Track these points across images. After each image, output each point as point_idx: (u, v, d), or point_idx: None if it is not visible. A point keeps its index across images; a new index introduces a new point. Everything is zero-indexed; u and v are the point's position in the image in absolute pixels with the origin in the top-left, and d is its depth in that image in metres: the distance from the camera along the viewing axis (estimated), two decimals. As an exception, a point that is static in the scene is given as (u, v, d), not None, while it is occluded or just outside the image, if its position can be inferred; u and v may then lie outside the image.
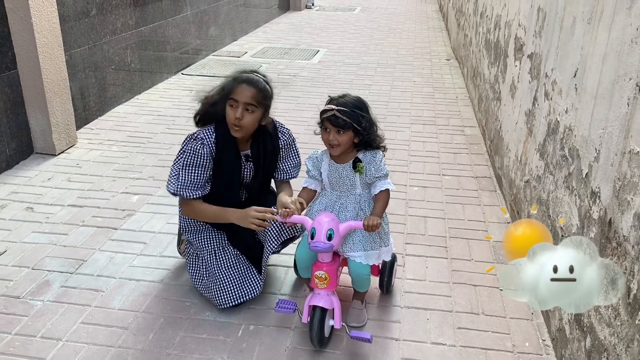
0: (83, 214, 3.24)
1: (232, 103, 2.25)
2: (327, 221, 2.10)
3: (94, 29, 4.68)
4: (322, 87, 5.89)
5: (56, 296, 2.53)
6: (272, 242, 2.35)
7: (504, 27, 4.06)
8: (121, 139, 4.39)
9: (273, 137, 2.45)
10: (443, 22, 10.47)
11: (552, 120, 2.56)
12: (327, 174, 2.29)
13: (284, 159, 2.54)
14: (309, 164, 2.34)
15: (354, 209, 2.28)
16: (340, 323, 2.20)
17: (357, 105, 2.20)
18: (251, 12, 9.10)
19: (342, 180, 2.27)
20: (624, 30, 1.78)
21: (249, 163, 2.42)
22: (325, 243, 2.07)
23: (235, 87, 2.25)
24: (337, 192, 2.31)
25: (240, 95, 2.24)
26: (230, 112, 2.26)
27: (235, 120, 2.25)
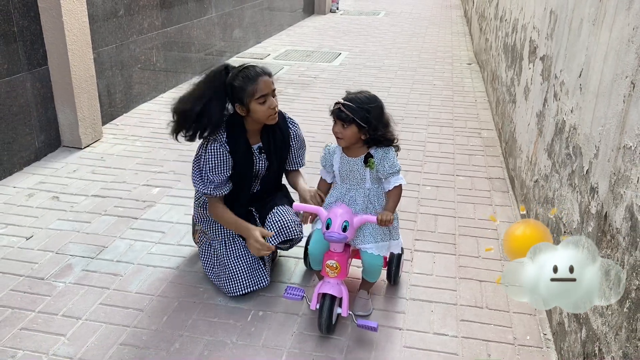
0: (105, 204, 3.39)
1: (261, 100, 2.32)
2: (342, 213, 2.19)
3: (122, 29, 4.86)
4: (341, 89, 5.97)
5: (77, 279, 2.67)
6: (272, 239, 2.45)
7: (520, 31, 4.10)
8: (145, 135, 4.55)
9: (282, 127, 2.54)
10: (467, 27, 10.48)
11: (559, 120, 2.61)
12: (338, 166, 2.37)
13: (295, 149, 2.63)
14: (323, 156, 2.44)
15: (363, 202, 2.36)
16: (348, 311, 2.29)
17: (366, 102, 2.25)
18: (275, 15, 9.25)
19: (352, 174, 2.34)
20: (623, 30, 1.84)
21: (262, 155, 2.52)
22: (340, 234, 2.16)
23: (256, 85, 2.30)
24: (346, 185, 2.38)
25: (266, 89, 2.33)
26: (263, 107, 2.33)
27: (272, 110, 2.36)
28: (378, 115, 2.28)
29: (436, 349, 2.28)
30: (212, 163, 2.39)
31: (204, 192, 2.44)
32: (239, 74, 2.34)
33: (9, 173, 3.74)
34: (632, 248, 1.58)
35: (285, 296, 2.36)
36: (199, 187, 2.45)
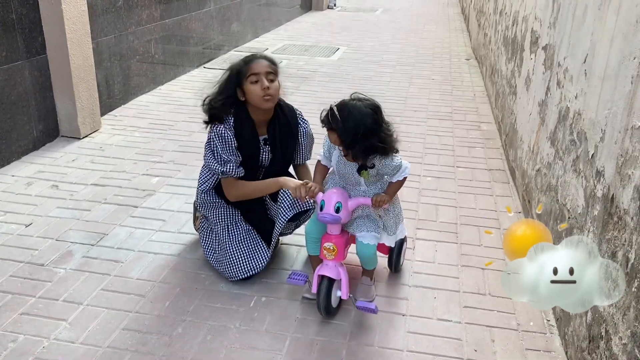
0: (105, 193, 3.36)
1: (253, 79, 2.33)
2: (336, 194, 2.18)
3: (120, 19, 4.83)
4: (340, 83, 5.97)
5: (78, 265, 2.65)
6: (284, 212, 2.43)
7: (521, 23, 4.10)
8: (143, 126, 4.52)
9: (292, 122, 2.53)
10: (465, 24, 10.49)
11: (562, 107, 2.61)
12: (335, 163, 2.31)
13: (304, 146, 2.63)
14: (325, 143, 2.36)
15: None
16: (348, 294, 2.28)
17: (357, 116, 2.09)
18: (273, 10, 9.23)
19: (348, 176, 2.28)
20: (630, 12, 1.83)
21: (267, 146, 2.51)
22: (333, 215, 2.15)
23: (249, 65, 2.35)
24: (343, 182, 2.33)
25: (259, 68, 2.34)
26: (256, 87, 2.33)
27: (264, 91, 2.33)
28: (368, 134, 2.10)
29: (440, 334, 2.28)
30: (220, 143, 2.39)
31: (223, 171, 2.40)
32: (243, 59, 2.38)
33: (7, 162, 3.71)
34: (640, 227, 1.58)
35: (288, 280, 2.36)
36: (216, 168, 2.41)
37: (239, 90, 2.38)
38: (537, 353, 2.19)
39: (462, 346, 2.21)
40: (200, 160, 3.85)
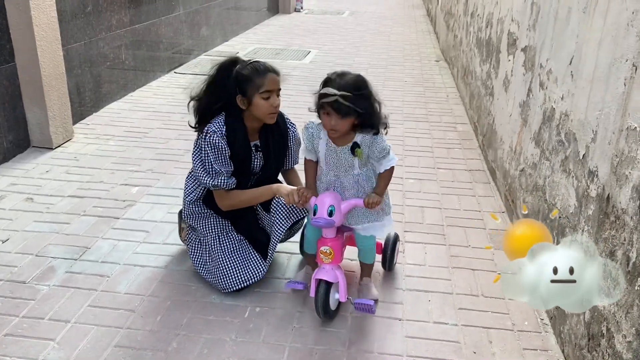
0: (84, 205, 3.26)
1: (266, 95, 2.27)
2: (329, 198, 2.17)
3: (90, 25, 4.70)
4: (315, 86, 5.92)
5: (62, 281, 2.55)
6: (281, 224, 2.39)
7: (496, 25, 4.16)
8: (118, 134, 4.41)
9: (282, 128, 2.50)
10: (431, 25, 10.61)
11: (547, 108, 2.65)
12: (324, 153, 2.24)
13: (293, 150, 2.60)
14: (305, 136, 2.27)
15: (353, 188, 2.28)
16: (346, 296, 2.27)
17: (358, 86, 2.10)
18: (241, 14, 9.15)
19: (340, 162, 2.23)
20: (620, 15, 1.87)
21: (258, 153, 2.47)
22: (326, 219, 2.14)
23: (264, 79, 2.26)
24: (333, 171, 2.26)
25: (273, 85, 2.28)
26: (266, 103, 2.28)
27: (274, 109, 2.30)
28: (371, 98, 2.17)
29: (438, 337, 2.28)
30: (213, 154, 2.32)
31: (214, 185, 2.35)
32: (249, 65, 2.31)
33: (-23, 175, 3.56)
34: (641, 227, 1.61)
35: (287, 285, 2.36)
36: (207, 182, 2.35)
37: (243, 98, 2.31)
38: (534, 352, 2.21)
39: (461, 349, 2.22)
40: (179, 168, 3.81)
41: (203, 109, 2.38)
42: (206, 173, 2.34)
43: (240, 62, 2.35)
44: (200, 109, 2.38)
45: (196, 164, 2.37)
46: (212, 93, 2.35)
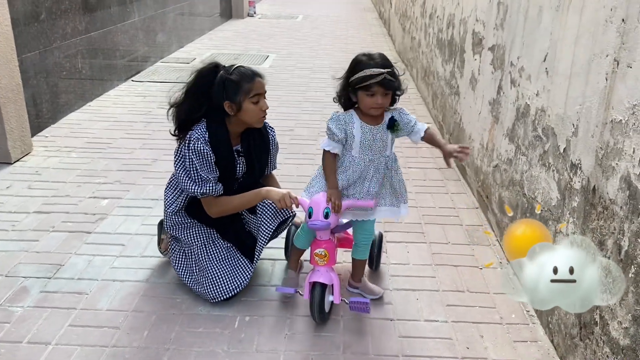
0: (52, 220, 3.12)
1: (255, 100, 2.26)
2: (324, 200, 2.16)
3: (44, 34, 4.52)
4: (277, 90, 5.91)
5: (37, 301, 2.43)
6: (268, 225, 2.36)
7: (458, 25, 4.25)
8: (79, 146, 4.26)
9: (263, 132, 2.47)
10: (385, 28, 10.75)
11: (521, 105, 2.71)
12: (359, 138, 2.19)
13: (272, 155, 2.57)
14: (333, 126, 2.18)
15: (384, 170, 2.28)
16: (340, 298, 2.26)
17: (389, 62, 2.19)
18: (195, 19, 9.03)
19: (376, 143, 2.21)
20: (597, 12, 1.93)
21: (240, 158, 2.43)
22: (322, 221, 2.13)
23: (252, 84, 2.25)
24: (368, 155, 2.22)
25: (261, 89, 2.28)
26: (256, 108, 2.27)
27: (264, 112, 2.30)
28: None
29: (430, 335, 2.29)
30: (200, 161, 2.27)
31: (203, 192, 2.29)
32: (235, 70, 2.28)
33: None
34: (632, 215, 1.66)
35: (278, 290, 2.35)
36: (194, 190, 2.29)
37: (232, 104, 2.26)
38: (525, 344, 2.26)
39: (454, 345, 2.24)
40: (148, 178, 3.71)
41: (184, 116, 2.31)
42: (192, 181, 2.28)
43: (222, 68, 2.30)
44: (181, 116, 2.32)
45: (180, 174, 2.30)
46: (194, 99, 2.29)
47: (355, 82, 2.12)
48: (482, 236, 3.07)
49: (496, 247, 2.97)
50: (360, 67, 2.12)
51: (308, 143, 4.45)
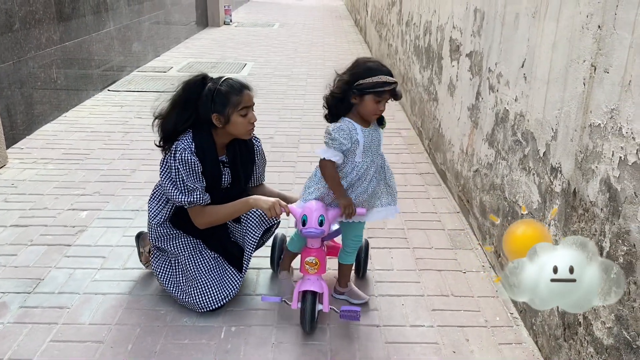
0: (30, 233, 3.06)
1: (244, 112, 2.25)
2: (316, 208, 2.16)
3: (18, 44, 4.45)
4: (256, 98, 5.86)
5: (17, 317, 2.38)
6: (253, 233, 2.35)
7: (435, 32, 4.30)
8: (56, 157, 4.19)
9: (248, 143, 2.46)
10: (361, 36, 10.83)
11: (500, 110, 2.76)
12: (363, 142, 2.21)
13: (258, 165, 2.57)
14: (341, 137, 2.16)
15: (384, 168, 2.36)
16: (329, 307, 2.26)
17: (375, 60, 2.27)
18: (171, 28, 8.97)
19: (374, 143, 2.26)
20: (574, 19, 1.98)
21: (226, 168, 2.42)
22: (317, 228, 2.14)
23: (240, 97, 2.24)
24: (369, 158, 2.25)
25: (249, 101, 2.27)
26: (244, 120, 2.26)
27: (252, 125, 2.29)
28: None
29: (416, 340, 2.30)
30: (186, 171, 2.25)
31: (190, 202, 2.27)
32: (224, 83, 2.26)
33: None
34: (613, 217, 1.70)
35: (264, 299, 2.33)
36: (181, 200, 2.27)
37: (220, 116, 2.24)
38: (510, 347, 2.28)
39: (441, 349, 2.26)
40: (127, 188, 3.67)
41: (170, 127, 2.29)
42: (179, 192, 2.26)
43: (210, 80, 2.29)
44: (167, 127, 2.30)
45: (167, 184, 2.28)
46: (181, 111, 2.27)
47: (367, 86, 2.12)
48: (465, 240, 3.11)
49: (478, 250, 3.00)
50: (373, 73, 2.13)
51: (288, 150, 4.45)
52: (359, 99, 2.16)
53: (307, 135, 4.80)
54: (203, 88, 2.25)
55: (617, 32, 1.69)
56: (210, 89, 2.24)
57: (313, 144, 4.60)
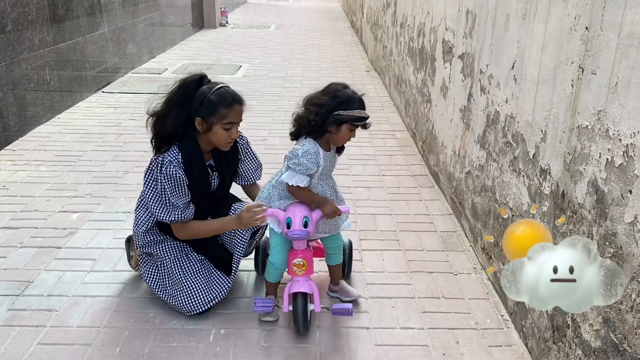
0: (20, 236, 3.05)
1: (227, 127, 2.22)
2: (299, 209, 2.16)
3: (11, 45, 4.43)
4: (250, 100, 5.81)
5: (4, 320, 2.36)
6: (241, 237, 2.35)
7: (428, 34, 4.30)
8: (49, 159, 4.17)
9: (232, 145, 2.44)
10: (357, 37, 10.83)
11: (491, 111, 2.75)
12: (324, 165, 2.24)
13: (244, 162, 2.55)
14: (309, 162, 2.16)
15: (334, 189, 2.38)
16: (320, 306, 2.26)
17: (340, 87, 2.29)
18: (166, 30, 8.96)
19: (330, 167, 2.30)
20: (562, 20, 1.98)
21: (214, 172, 2.40)
22: (302, 230, 2.14)
23: (229, 111, 2.21)
24: (325, 181, 2.29)
25: (237, 118, 2.25)
26: (225, 134, 2.24)
27: (232, 140, 2.27)
28: None
29: (406, 343, 2.30)
30: (171, 186, 2.22)
31: (171, 220, 2.27)
32: (217, 90, 2.22)
33: None
34: (600, 219, 1.70)
35: (256, 310, 2.31)
36: (163, 217, 2.26)
37: (203, 122, 2.22)
38: (500, 349, 2.27)
39: (430, 352, 2.25)
40: (119, 190, 3.66)
41: (170, 129, 2.23)
42: (161, 208, 2.25)
43: (206, 83, 2.26)
44: (162, 129, 2.24)
45: (150, 198, 2.26)
46: (174, 110, 2.23)
47: (346, 118, 2.15)
48: (457, 242, 3.10)
49: (470, 252, 3.00)
50: (353, 105, 2.18)
51: (281, 152, 4.43)
52: (335, 128, 2.17)
53: (300, 137, 4.79)
54: (199, 88, 2.23)
55: (604, 34, 1.69)
56: (202, 92, 2.21)
57: (307, 145, 4.59)
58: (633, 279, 1.53)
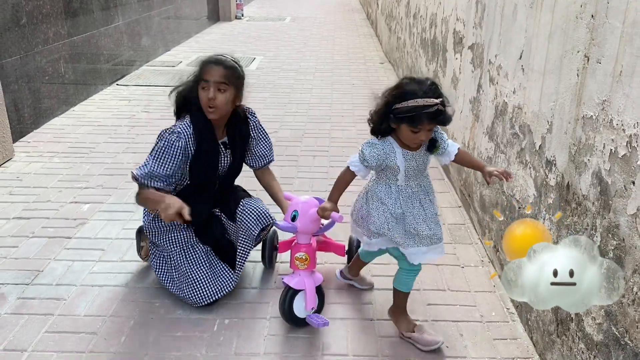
0: (32, 226, 3.09)
1: (203, 85, 2.22)
2: (295, 202, 2.20)
3: (25, 38, 4.49)
4: (263, 92, 5.91)
5: (14, 308, 2.41)
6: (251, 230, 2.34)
7: (440, 24, 4.25)
8: (62, 151, 4.23)
9: (244, 121, 2.45)
10: (372, 29, 10.77)
11: (499, 102, 2.72)
12: (404, 167, 2.00)
13: (257, 142, 2.54)
14: (368, 154, 1.98)
15: (430, 192, 2.12)
16: (311, 306, 2.24)
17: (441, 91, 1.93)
18: (182, 23, 9.00)
19: (419, 167, 2.04)
20: (568, 9, 1.94)
21: (227, 150, 2.41)
22: (287, 223, 2.18)
23: (204, 68, 2.23)
24: (414, 182, 2.05)
25: (210, 75, 2.20)
26: (203, 94, 2.22)
27: (208, 102, 2.21)
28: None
29: (410, 335, 2.28)
30: (161, 151, 2.25)
31: (136, 174, 2.25)
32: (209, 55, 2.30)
33: None
34: (604, 211, 1.66)
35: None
36: (136, 171, 2.27)
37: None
38: (504, 342, 2.25)
39: (434, 344, 2.23)
40: (130, 182, 3.65)
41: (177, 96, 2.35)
42: (144, 165, 2.26)
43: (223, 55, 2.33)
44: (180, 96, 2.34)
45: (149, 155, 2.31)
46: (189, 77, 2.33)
47: (400, 111, 1.86)
48: (465, 235, 3.07)
49: (478, 245, 2.97)
50: (408, 96, 1.86)
51: (292, 145, 4.44)
52: (397, 126, 1.92)
53: (311, 130, 4.78)
54: None
55: (609, 21, 1.65)
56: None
57: (317, 138, 4.59)
58: (635, 272, 1.50)
